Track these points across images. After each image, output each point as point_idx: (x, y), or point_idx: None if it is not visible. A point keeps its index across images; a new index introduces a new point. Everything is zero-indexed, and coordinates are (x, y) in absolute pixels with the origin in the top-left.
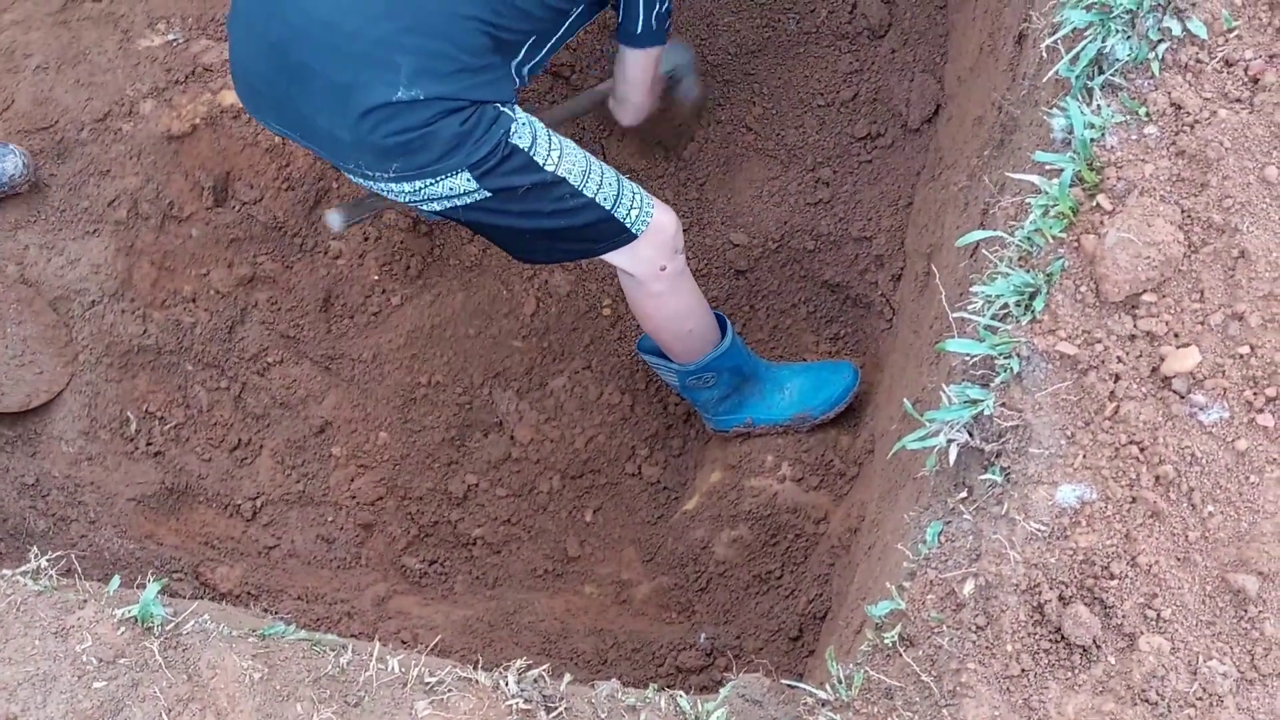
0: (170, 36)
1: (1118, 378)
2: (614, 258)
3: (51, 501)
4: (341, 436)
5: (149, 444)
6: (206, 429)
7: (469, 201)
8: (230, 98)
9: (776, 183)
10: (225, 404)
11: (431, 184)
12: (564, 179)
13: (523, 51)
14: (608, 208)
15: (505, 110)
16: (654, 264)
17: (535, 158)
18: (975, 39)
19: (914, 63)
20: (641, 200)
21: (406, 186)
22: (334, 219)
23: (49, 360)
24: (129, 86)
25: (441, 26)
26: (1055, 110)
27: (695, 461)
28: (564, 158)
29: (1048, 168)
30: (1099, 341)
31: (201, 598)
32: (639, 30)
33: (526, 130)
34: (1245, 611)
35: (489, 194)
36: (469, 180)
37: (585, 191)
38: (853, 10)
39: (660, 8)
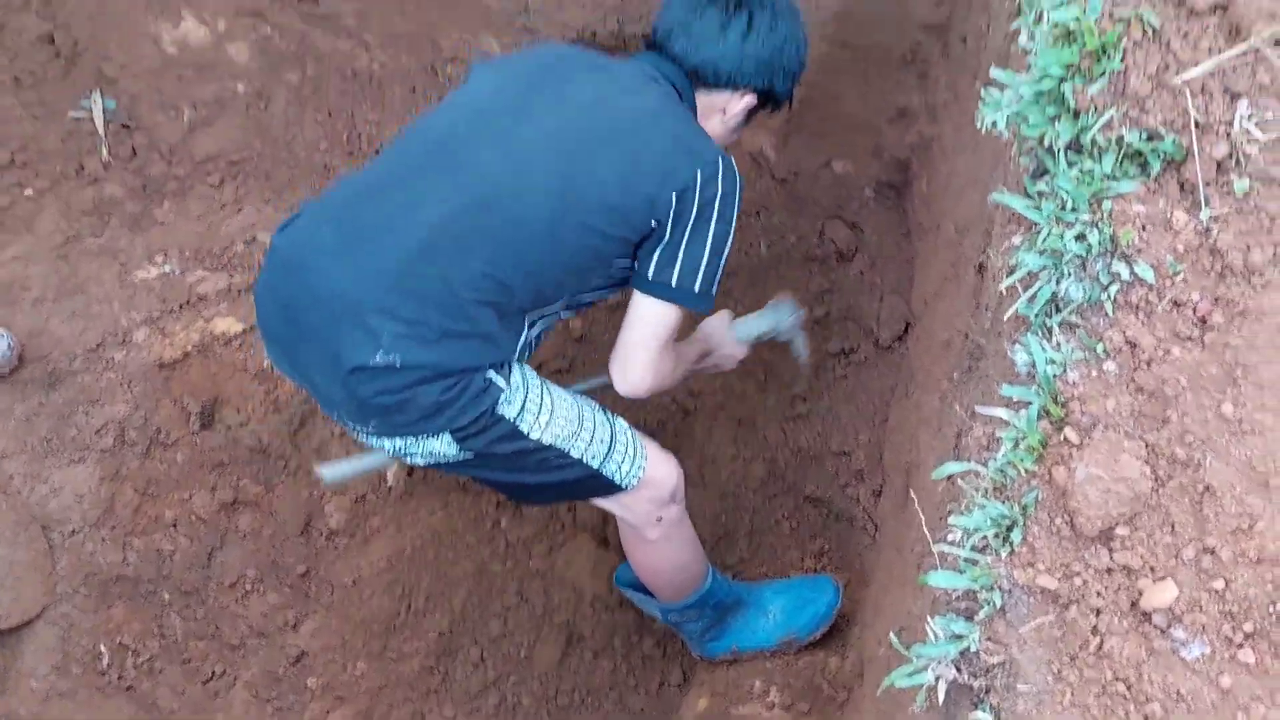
0: (167, 268)
1: (1099, 612)
2: (606, 505)
3: None
4: (319, 666)
5: (120, 678)
6: (181, 661)
7: (451, 460)
8: (223, 325)
9: (755, 397)
10: (201, 634)
11: (412, 442)
12: (550, 445)
13: (540, 313)
14: (595, 466)
15: (496, 379)
16: (649, 515)
17: (521, 426)
18: (939, 267)
19: (882, 284)
20: (635, 454)
21: (387, 443)
22: (326, 474)
23: (29, 588)
24: (124, 316)
25: (436, 297)
26: (1017, 346)
27: (683, 673)
28: (553, 421)
29: (1015, 400)
30: (1078, 575)
31: None
32: (650, 275)
33: (518, 396)
34: None
35: (471, 455)
36: (450, 443)
37: (572, 453)
38: (821, 235)
39: (689, 263)
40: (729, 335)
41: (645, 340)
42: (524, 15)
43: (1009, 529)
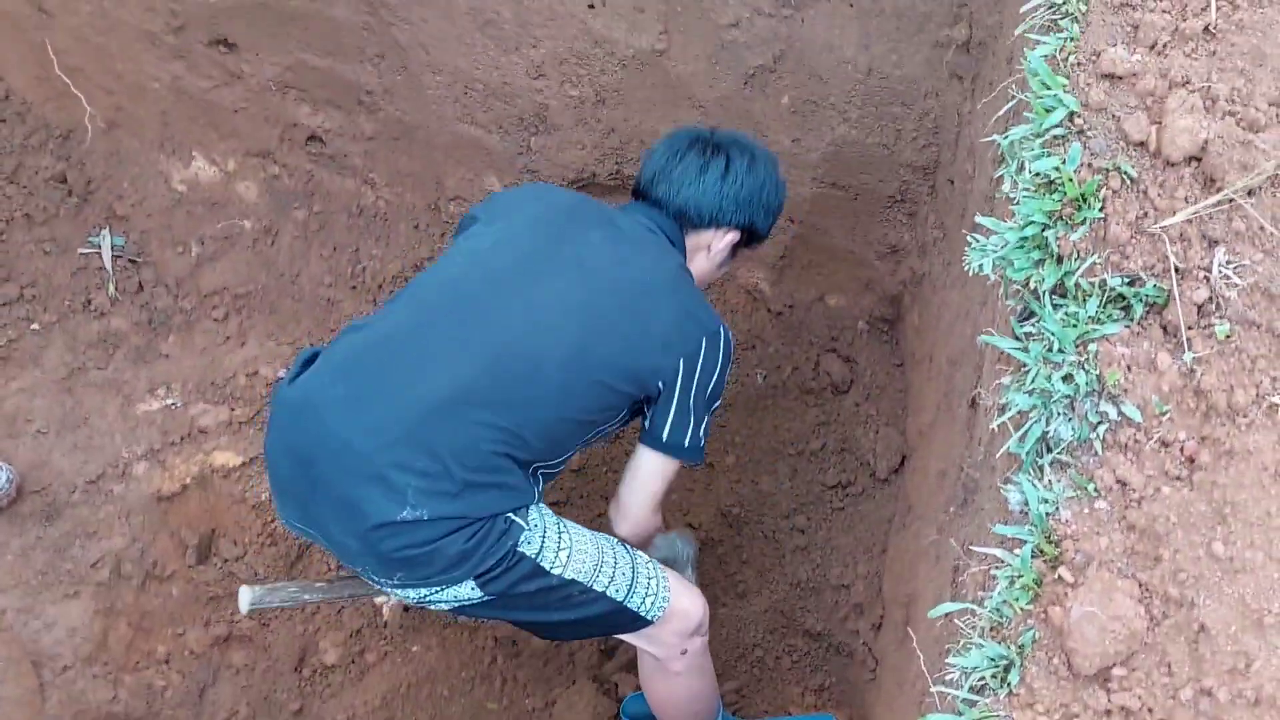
0: (169, 401)
1: None
2: (632, 639)
3: None
4: None
5: None
6: None
7: (476, 602)
8: (222, 458)
9: (751, 527)
10: None
11: (437, 591)
12: (573, 580)
13: (547, 463)
14: (619, 599)
15: (517, 519)
16: (675, 648)
17: (542, 564)
18: (932, 398)
19: (877, 416)
20: (657, 587)
21: (412, 593)
22: (244, 597)
23: None
24: (125, 449)
25: (455, 452)
26: (1010, 485)
27: None
28: (573, 557)
29: (1010, 538)
30: (1077, 716)
31: None
32: (665, 436)
33: (536, 535)
34: None
35: (494, 596)
36: (473, 588)
37: (595, 587)
38: (816, 368)
39: (696, 425)
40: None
41: (652, 488)
42: (525, 156)
43: (1006, 669)
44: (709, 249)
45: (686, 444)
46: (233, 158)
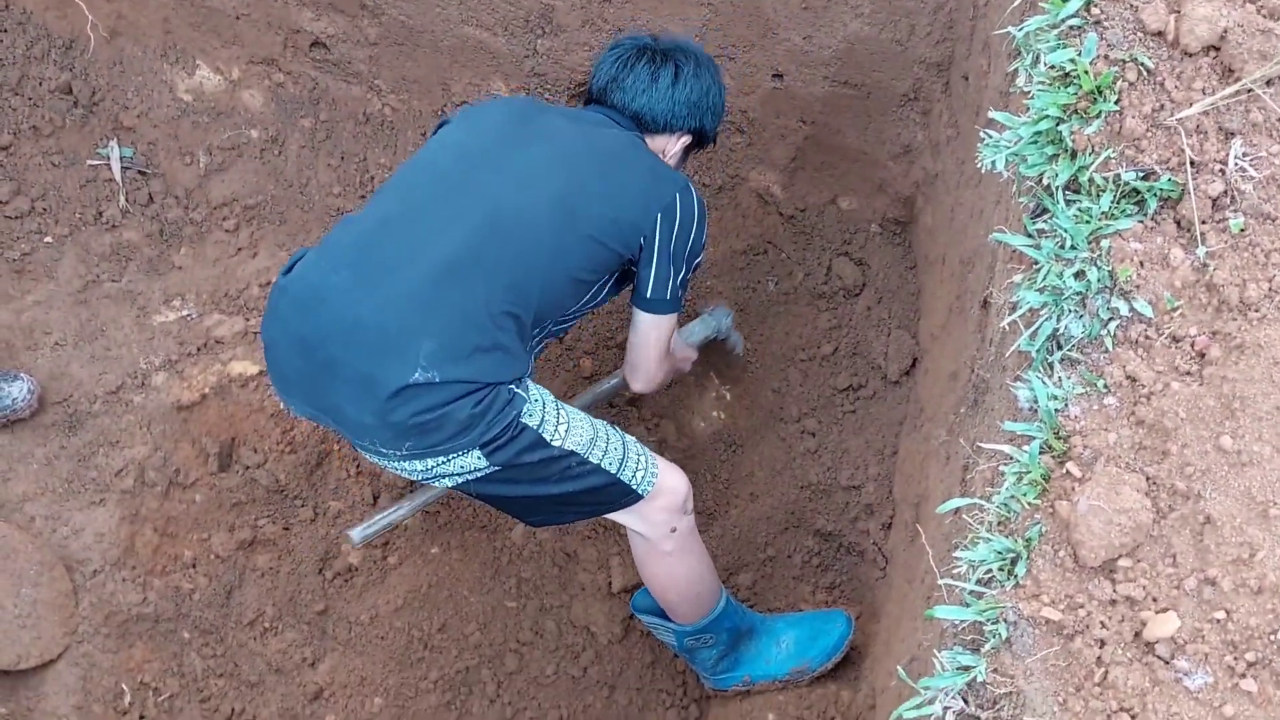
0: (185, 312)
1: (1103, 643)
2: (623, 518)
3: None
4: (337, 702)
5: (142, 716)
6: (200, 699)
7: (482, 474)
8: (239, 367)
9: (761, 431)
10: (220, 672)
11: (444, 462)
12: (571, 451)
13: (543, 327)
14: (613, 472)
15: (519, 391)
16: (664, 525)
17: (544, 434)
18: (944, 300)
19: (889, 319)
20: (646, 462)
21: (419, 465)
22: (354, 535)
23: (51, 628)
24: (142, 359)
25: (461, 315)
26: (1020, 382)
27: (698, 709)
28: (571, 431)
29: (1018, 435)
30: (1081, 606)
31: None
32: (649, 294)
33: (538, 408)
34: None
35: (498, 467)
36: (479, 458)
37: (591, 459)
38: (828, 272)
39: (676, 279)
40: (680, 341)
41: (655, 348)
42: (532, 59)
43: (1013, 562)
44: (664, 153)
45: (669, 297)
46: (237, 65)
